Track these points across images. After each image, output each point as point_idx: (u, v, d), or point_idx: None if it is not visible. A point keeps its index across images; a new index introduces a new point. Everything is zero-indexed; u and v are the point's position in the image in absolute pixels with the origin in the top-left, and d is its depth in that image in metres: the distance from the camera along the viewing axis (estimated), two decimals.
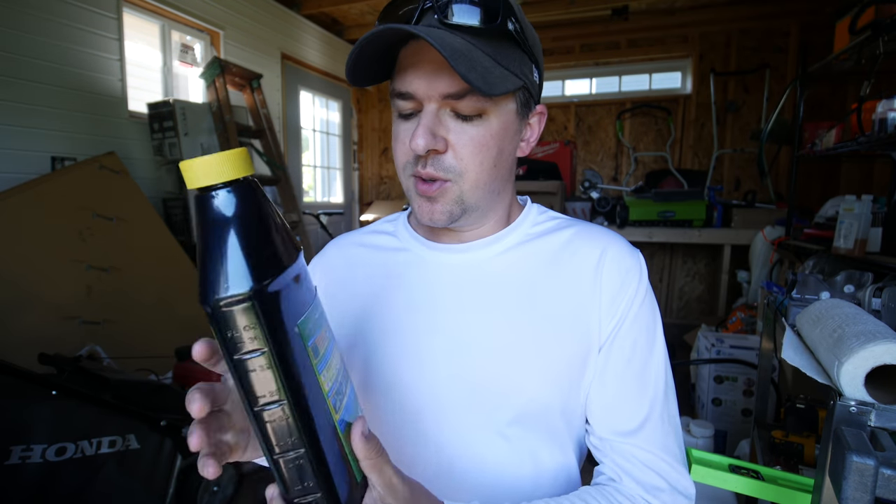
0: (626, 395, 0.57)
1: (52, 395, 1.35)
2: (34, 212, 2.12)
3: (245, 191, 0.33)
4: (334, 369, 0.38)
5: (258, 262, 0.32)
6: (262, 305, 0.31)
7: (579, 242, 0.60)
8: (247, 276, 0.31)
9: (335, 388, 0.37)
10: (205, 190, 0.32)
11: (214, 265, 0.31)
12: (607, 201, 3.91)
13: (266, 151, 3.35)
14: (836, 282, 1.41)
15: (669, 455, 0.56)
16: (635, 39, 4.42)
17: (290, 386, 0.33)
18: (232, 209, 0.32)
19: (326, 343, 0.37)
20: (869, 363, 0.68)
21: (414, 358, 0.58)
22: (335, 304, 0.64)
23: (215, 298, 0.31)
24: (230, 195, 0.32)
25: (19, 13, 2.25)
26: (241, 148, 0.34)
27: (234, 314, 0.31)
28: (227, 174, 0.32)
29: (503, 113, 0.54)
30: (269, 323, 0.32)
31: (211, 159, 0.32)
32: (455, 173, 0.54)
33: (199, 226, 0.32)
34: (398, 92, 0.54)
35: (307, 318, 0.35)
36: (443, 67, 0.50)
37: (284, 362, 0.33)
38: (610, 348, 0.57)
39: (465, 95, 0.51)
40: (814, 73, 2.12)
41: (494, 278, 0.59)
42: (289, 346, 0.33)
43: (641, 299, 0.58)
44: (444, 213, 0.56)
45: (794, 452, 1.21)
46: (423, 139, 0.51)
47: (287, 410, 0.34)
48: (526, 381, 0.55)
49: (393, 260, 0.64)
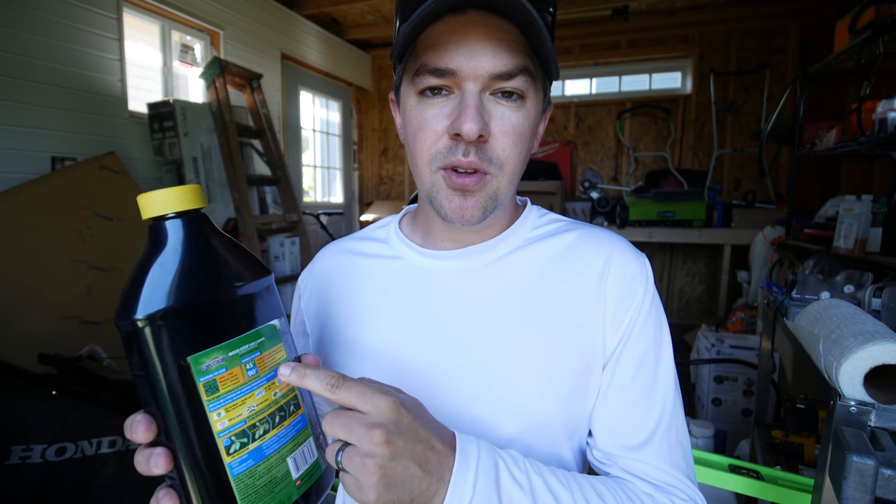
0: (632, 409, 0.53)
1: (52, 395, 1.35)
2: (34, 212, 2.12)
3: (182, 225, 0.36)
4: (246, 410, 0.35)
5: (151, 293, 0.33)
6: (151, 333, 0.33)
7: (582, 247, 0.57)
8: (138, 304, 0.33)
9: (238, 430, 0.35)
10: (153, 220, 0.36)
11: (127, 289, 0.35)
12: (607, 201, 3.91)
13: (266, 151, 3.35)
14: (836, 282, 1.42)
15: (677, 470, 0.52)
16: (635, 39, 4.42)
17: (163, 416, 0.34)
18: (163, 239, 0.35)
19: (242, 381, 0.35)
20: (867, 363, 0.68)
21: (407, 372, 0.55)
22: (328, 317, 0.62)
23: (117, 318, 0.34)
24: (165, 227, 0.36)
25: (19, 13, 2.25)
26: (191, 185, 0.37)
27: (129, 336, 0.34)
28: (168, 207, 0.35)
29: (536, 102, 0.51)
30: (152, 351, 0.33)
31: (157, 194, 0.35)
32: (496, 165, 0.49)
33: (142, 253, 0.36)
34: (434, 67, 0.47)
35: (212, 352, 0.34)
36: (491, 42, 0.46)
37: (158, 392, 0.34)
38: (616, 360, 0.54)
39: (515, 75, 0.47)
40: (814, 73, 2.12)
41: (491, 287, 0.56)
42: (167, 378, 0.33)
43: (648, 307, 0.55)
44: (478, 209, 0.51)
45: (794, 452, 1.22)
46: (476, 123, 0.46)
47: (163, 437, 0.35)
48: (527, 396, 0.52)
49: (385, 269, 0.61)
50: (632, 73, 4.62)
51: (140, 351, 0.33)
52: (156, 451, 0.35)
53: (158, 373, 0.33)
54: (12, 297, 1.95)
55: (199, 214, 0.37)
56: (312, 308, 0.65)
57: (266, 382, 0.37)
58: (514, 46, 0.47)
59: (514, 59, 0.47)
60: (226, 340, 0.35)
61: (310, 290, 0.65)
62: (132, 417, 0.35)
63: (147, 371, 0.33)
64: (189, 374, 0.33)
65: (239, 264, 0.38)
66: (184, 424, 0.34)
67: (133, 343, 0.34)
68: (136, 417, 0.35)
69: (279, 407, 0.38)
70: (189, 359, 0.33)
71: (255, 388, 0.36)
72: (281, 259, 3.32)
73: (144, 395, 0.35)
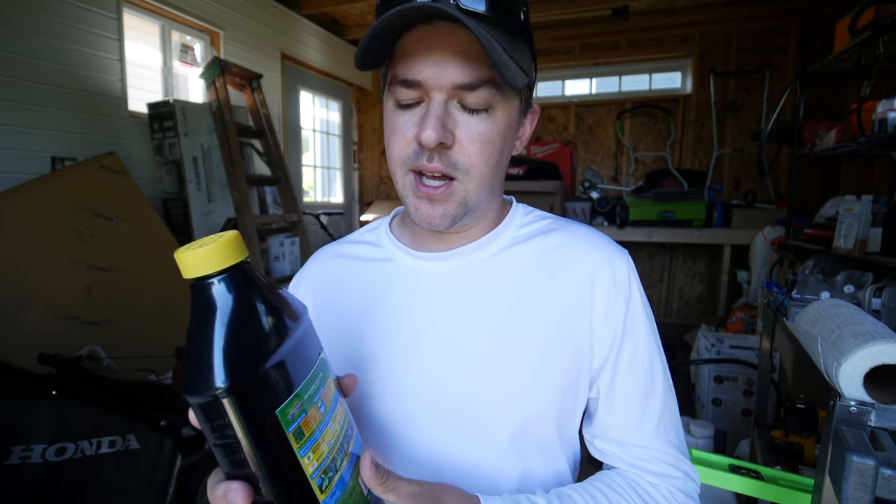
0: (634, 399, 0.57)
1: (52, 395, 1.35)
2: (34, 212, 2.12)
3: (230, 282, 0.33)
4: (326, 445, 0.37)
5: (235, 357, 0.32)
6: (237, 400, 0.32)
7: (569, 246, 0.59)
8: (222, 373, 0.31)
9: (325, 466, 0.36)
10: (196, 280, 0.33)
11: (193, 359, 0.32)
12: (607, 201, 3.91)
13: (266, 151, 3.35)
14: (836, 282, 1.42)
15: (677, 450, 0.57)
16: (635, 39, 4.42)
17: (265, 475, 0.34)
18: (215, 302, 0.33)
19: (319, 419, 0.36)
20: (867, 363, 0.68)
21: (401, 374, 0.56)
22: (321, 323, 0.61)
23: (192, 392, 0.32)
24: (215, 287, 0.33)
25: (19, 13, 2.25)
26: (230, 233, 0.34)
27: (211, 407, 0.32)
28: (212, 266, 0.32)
29: (509, 109, 0.52)
30: (244, 416, 0.32)
31: (199, 253, 0.32)
32: (462, 171, 0.51)
33: (191, 315, 0.33)
34: (402, 79, 0.49)
35: (292, 400, 0.34)
36: (457, 55, 0.48)
37: (259, 453, 0.33)
38: (615, 357, 0.56)
39: (478, 87, 0.48)
40: (814, 73, 2.11)
41: (482, 287, 0.57)
42: (264, 437, 0.33)
43: (636, 300, 0.58)
44: (446, 216, 0.53)
45: (794, 452, 1.22)
46: (436, 131, 0.48)
47: (264, 493, 0.34)
48: (519, 394, 0.54)
49: (377, 272, 0.61)
50: (632, 73, 4.62)
51: (228, 419, 0.32)
52: None
53: (250, 435, 0.32)
54: (12, 296, 1.95)
55: (247, 264, 0.35)
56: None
57: (332, 415, 0.38)
58: (479, 58, 0.49)
59: (479, 71, 0.49)
60: (299, 386, 0.35)
61: (301, 295, 0.66)
62: (225, 486, 0.34)
63: (238, 436, 0.32)
64: (279, 428, 0.33)
65: (286, 307, 0.37)
66: (283, 477, 0.34)
67: (215, 413, 0.32)
68: (230, 486, 0.34)
69: (344, 433, 0.40)
70: (277, 413, 0.33)
71: (327, 424, 0.37)
72: (281, 259, 3.32)
73: (232, 460, 0.34)
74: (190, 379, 0.32)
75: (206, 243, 0.33)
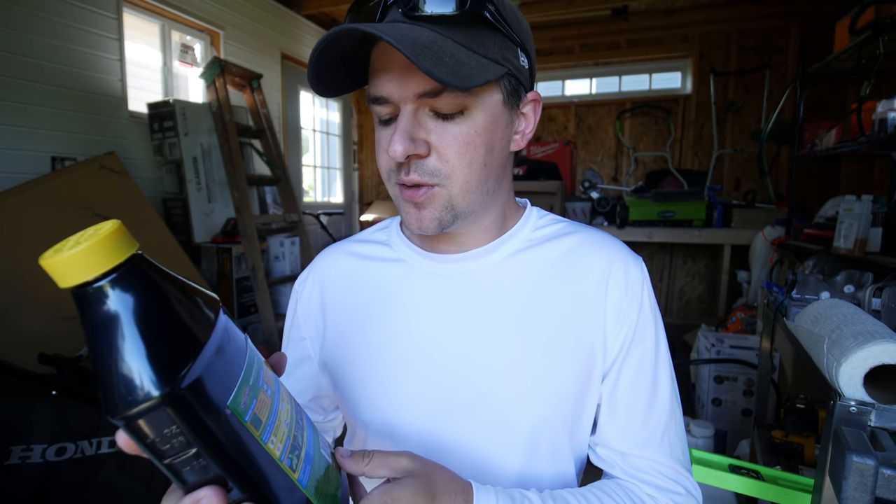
0: (637, 408, 0.56)
1: (52, 395, 1.35)
2: (34, 212, 2.12)
3: (128, 278, 0.27)
4: (284, 426, 0.35)
5: (162, 360, 0.27)
6: (180, 406, 0.27)
7: (583, 251, 0.58)
8: (152, 381, 0.26)
9: (289, 446, 0.35)
10: (79, 287, 0.27)
11: (110, 376, 0.26)
12: (607, 201, 3.91)
13: (266, 151, 3.35)
14: (836, 282, 1.42)
15: (679, 464, 0.56)
16: (635, 39, 4.42)
17: (234, 474, 0.31)
18: (116, 306, 0.27)
19: (269, 402, 0.34)
20: (867, 363, 0.68)
21: (412, 375, 0.56)
22: (330, 321, 0.62)
23: (120, 412, 0.26)
24: (110, 289, 0.27)
25: (19, 13, 2.25)
26: (112, 225, 0.28)
27: (149, 422, 0.27)
28: (99, 265, 0.26)
29: (488, 106, 0.50)
30: (192, 420, 0.28)
31: (76, 254, 0.26)
32: (442, 177, 0.50)
33: (84, 329, 0.27)
34: (373, 97, 0.50)
35: (239, 389, 0.31)
36: (413, 65, 0.46)
37: (222, 453, 0.29)
38: (621, 364, 0.56)
39: (440, 93, 0.47)
40: (814, 73, 2.11)
41: (495, 289, 0.57)
42: (223, 434, 0.29)
43: (648, 310, 0.57)
44: (433, 220, 0.52)
45: (794, 452, 1.22)
46: (402, 145, 0.47)
47: (238, 493, 0.32)
48: (530, 398, 0.54)
49: (387, 272, 0.61)
50: (632, 73, 4.62)
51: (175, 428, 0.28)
52: None
53: (208, 437, 0.29)
54: (12, 296, 1.95)
55: (141, 256, 0.30)
56: (313, 311, 0.64)
57: (280, 395, 0.37)
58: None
59: None
60: (240, 373, 0.32)
61: (308, 293, 0.65)
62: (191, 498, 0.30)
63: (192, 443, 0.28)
64: (236, 420, 0.30)
65: (200, 294, 0.32)
66: (255, 468, 0.32)
67: (158, 426, 0.27)
68: (198, 495, 0.30)
69: (296, 410, 0.39)
70: (228, 405, 0.30)
71: (279, 404, 0.36)
72: (281, 259, 3.32)
73: (189, 471, 0.30)
74: (115, 398, 0.26)
75: (83, 241, 0.26)
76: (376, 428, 0.57)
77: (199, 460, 0.29)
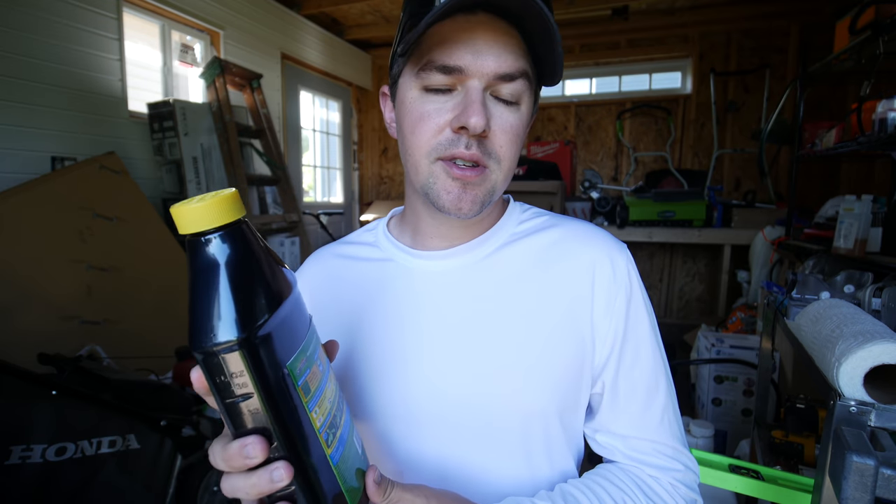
0: (637, 392, 0.57)
1: (52, 395, 1.35)
2: (34, 212, 2.12)
3: (234, 236, 0.33)
4: (327, 402, 0.38)
5: (246, 309, 0.32)
6: (250, 352, 0.32)
7: (568, 242, 0.58)
8: (234, 324, 0.31)
9: (328, 422, 0.37)
10: (195, 236, 0.32)
11: (202, 313, 0.31)
12: (607, 201, 3.91)
13: (266, 151, 3.35)
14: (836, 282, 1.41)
15: (678, 442, 0.58)
16: (635, 39, 4.42)
17: (280, 428, 0.34)
18: (220, 256, 0.32)
19: (319, 377, 0.37)
20: (867, 363, 0.68)
21: (404, 373, 0.56)
22: (320, 323, 0.61)
23: (203, 346, 0.31)
24: (219, 242, 0.32)
25: (19, 13, 2.25)
26: (232, 191, 0.33)
27: (223, 361, 0.32)
28: (216, 220, 0.32)
29: (530, 104, 0.53)
30: (257, 369, 0.32)
31: (200, 207, 0.31)
32: (495, 160, 0.51)
33: (190, 271, 0.32)
34: (441, 64, 0.48)
35: (298, 356, 0.35)
36: (496, 45, 0.48)
37: (274, 406, 0.33)
38: (619, 350, 0.56)
39: (515, 78, 0.49)
40: (814, 73, 2.12)
41: (481, 284, 0.57)
42: (278, 389, 0.33)
43: (637, 294, 0.58)
44: (476, 202, 0.52)
45: (794, 452, 1.22)
46: (483, 117, 0.47)
47: (279, 450, 0.35)
48: (521, 389, 0.54)
49: (376, 272, 0.61)
50: (632, 73, 4.62)
51: (240, 372, 0.32)
52: (275, 466, 0.34)
53: (265, 388, 0.33)
54: (12, 296, 1.95)
55: (246, 222, 0.35)
56: None
57: (329, 374, 0.39)
58: (517, 50, 0.49)
59: (517, 63, 0.49)
60: (302, 342, 0.36)
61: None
62: (240, 442, 0.33)
63: (251, 390, 0.33)
64: (291, 381, 0.34)
65: (282, 265, 0.37)
66: (297, 429, 0.35)
67: (227, 367, 0.32)
68: (246, 441, 0.33)
69: (339, 396, 0.41)
70: (287, 366, 0.34)
71: (326, 382, 0.38)
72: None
73: (243, 418, 0.34)
74: (201, 332, 0.31)
75: (207, 199, 0.32)
76: (366, 430, 0.57)
77: (254, 408, 0.33)
